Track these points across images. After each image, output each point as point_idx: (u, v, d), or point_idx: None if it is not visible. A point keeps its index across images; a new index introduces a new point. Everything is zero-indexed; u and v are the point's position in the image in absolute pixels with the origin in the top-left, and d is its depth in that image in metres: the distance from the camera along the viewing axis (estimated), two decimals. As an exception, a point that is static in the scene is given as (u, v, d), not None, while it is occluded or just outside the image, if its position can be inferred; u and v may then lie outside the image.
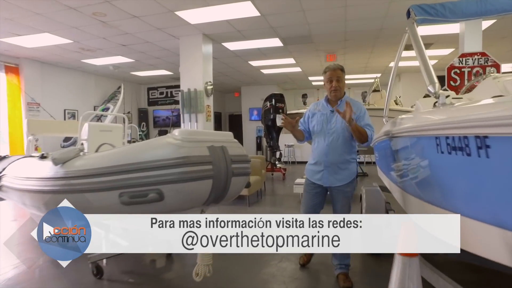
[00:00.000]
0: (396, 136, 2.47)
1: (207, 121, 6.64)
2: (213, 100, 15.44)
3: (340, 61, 9.17)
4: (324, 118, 2.62)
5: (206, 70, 6.66)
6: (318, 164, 2.65)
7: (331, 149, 2.57)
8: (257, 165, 6.41)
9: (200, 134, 2.40)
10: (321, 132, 2.62)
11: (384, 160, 3.78)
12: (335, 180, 2.59)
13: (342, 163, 2.61)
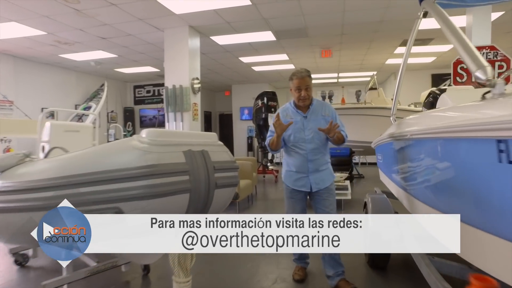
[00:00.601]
0: (418, 138, 2.05)
1: (194, 120, 6.15)
2: (203, 99, 14.90)
3: (335, 58, 8.76)
4: (299, 126, 2.52)
5: (193, 66, 6.17)
6: (300, 172, 2.56)
7: (313, 155, 2.52)
8: (248, 168, 5.95)
9: (174, 135, 1.93)
10: (300, 141, 2.52)
11: (391, 164, 3.35)
12: (321, 181, 2.56)
13: (323, 165, 2.59)
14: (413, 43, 2.99)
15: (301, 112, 2.55)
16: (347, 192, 5.27)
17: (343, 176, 5.73)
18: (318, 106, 2.60)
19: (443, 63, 9.51)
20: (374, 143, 4.25)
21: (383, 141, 3.65)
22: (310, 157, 2.51)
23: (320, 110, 2.58)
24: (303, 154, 2.52)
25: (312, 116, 2.54)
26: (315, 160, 2.53)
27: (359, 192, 6.41)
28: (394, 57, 8.70)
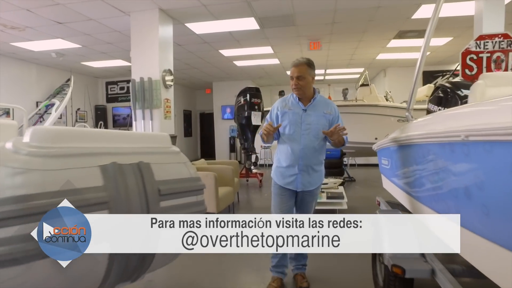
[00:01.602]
0: (457, 140, 1.41)
1: (166, 119, 5.35)
2: (182, 97, 14.03)
3: (324, 52, 8.10)
4: (297, 118, 2.42)
5: (165, 56, 5.37)
6: (291, 167, 2.45)
7: (306, 152, 2.40)
8: (228, 174, 5.20)
9: (87, 137, 1.14)
10: (295, 134, 2.42)
11: (405, 171, 2.67)
12: (308, 184, 2.47)
13: (316, 165, 2.49)
14: (408, 36, 2.34)
15: (302, 105, 2.42)
16: (342, 201, 4.58)
17: (337, 182, 5.05)
18: (322, 102, 2.48)
19: (436, 59, 9.03)
20: (378, 146, 3.58)
21: (391, 144, 2.98)
22: (302, 153, 2.40)
23: (322, 107, 2.44)
24: (295, 148, 2.41)
25: (312, 111, 2.41)
26: (307, 157, 2.41)
27: (353, 198, 5.76)
28: (386, 51, 8.13)
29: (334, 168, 7.22)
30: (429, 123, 2.13)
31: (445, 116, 1.97)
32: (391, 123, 7.13)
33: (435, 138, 1.79)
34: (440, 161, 1.76)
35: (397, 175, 3.00)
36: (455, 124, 1.54)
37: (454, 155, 1.54)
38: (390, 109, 7.14)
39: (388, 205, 3.42)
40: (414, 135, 2.24)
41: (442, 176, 1.74)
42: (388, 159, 3.23)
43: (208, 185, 4.52)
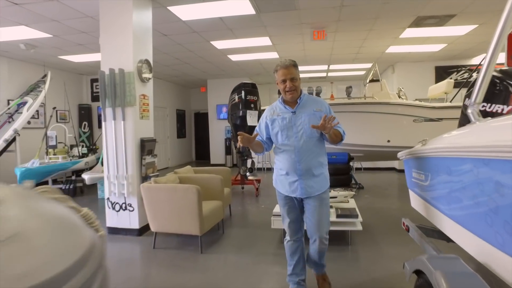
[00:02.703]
0: None
1: (143, 118, 4.47)
2: (175, 96, 13.11)
3: (329, 43, 7.22)
4: (286, 123, 2.34)
5: (142, 45, 4.49)
6: (290, 174, 2.36)
7: (303, 155, 2.30)
8: (216, 185, 4.35)
9: None
10: (288, 139, 2.33)
11: (457, 194, 1.82)
12: (312, 189, 2.34)
13: (316, 168, 2.35)
14: (427, 23, 1.49)
15: (290, 108, 2.38)
16: (356, 221, 3.69)
17: (347, 195, 4.17)
18: (309, 101, 2.41)
19: (452, 52, 8.15)
20: (408, 154, 2.71)
21: (436, 154, 2.11)
22: (299, 157, 2.31)
23: (311, 105, 2.37)
24: (291, 154, 2.33)
25: (301, 112, 2.34)
26: (306, 161, 2.31)
27: (364, 212, 4.89)
28: (398, 43, 7.25)
29: (341, 174, 6.34)
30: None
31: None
32: (407, 124, 6.27)
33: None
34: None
35: (442, 197, 2.13)
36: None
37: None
38: (405, 107, 6.28)
39: (421, 231, 2.57)
40: (495, 146, 1.37)
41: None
42: (425, 174, 2.36)
43: (189, 202, 3.65)
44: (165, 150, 12.05)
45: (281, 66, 2.31)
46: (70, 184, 7.10)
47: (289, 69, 2.29)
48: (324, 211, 2.38)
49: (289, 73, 2.29)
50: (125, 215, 4.37)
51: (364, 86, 7.27)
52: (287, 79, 2.29)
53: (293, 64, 2.32)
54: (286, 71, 2.29)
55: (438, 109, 6.17)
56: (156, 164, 4.70)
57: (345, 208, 3.93)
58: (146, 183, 3.88)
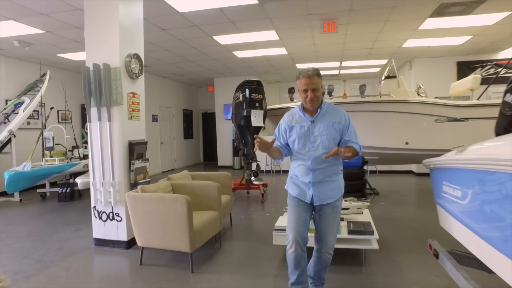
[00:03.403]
0: None
1: (132, 119, 4.03)
2: (183, 96, 12.77)
3: (341, 37, 6.68)
4: (304, 131, 2.29)
5: (131, 37, 4.07)
6: (301, 180, 2.32)
7: (318, 164, 2.25)
8: (212, 193, 3.89)
9: None
10: (304, 147, 2.29)
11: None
12: (326, 197, 2.28)
13: (332, 176, 2.30)
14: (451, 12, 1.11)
15: (309, 116, 2.31)
16: (371, 238, 3.16)
17: (362, 207, 3.64)
18: (329, 110, 2.31)
19: (477, 45, 7.48)
20: (437, 162, 2.18)
21: (480, 166, 1.59)
22: (313, 166, 2.25)
23: (331, 116, 2.28)
24: (306, 162, 2.28)
25: (320, 121, 2.27)
26: (320, 170, 2.26)
27: (381, 223, 4.35)
28: (416, 36, 6.65)
29: (355, 180, 5.80)
30: None
31: None
32: (427, 124, 5.67)
33: None
34: None
35: (487, 222, 1.60)
36: None
37: None
38: (425, 105, 5.68)
39: (454, 258, 2.05)
40: None
41: None
42: (463, 190, 1.83)
43: (177, 215, 3.19)
44: (171, 151, 11.68)
45: (303, 75, 2.24)
46: (67, 187, 6.76)
47: (312, 78, 2.22)
48: (334, 219, 2.31)
49: (312, 83, 2.22)
50: (113, 225, 3.95)
51: (379, 83, 6.70)
52: (308, 89, 2.22)
53: (316, 73, 2.24)
54: (308, 80, 2.22)
55: (464, 108, 5.56)
56: (148, 170, 4.27)
57: (358, 222, 3.40)
58: (132, 192, 3.44)
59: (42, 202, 6.77)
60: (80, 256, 3.73)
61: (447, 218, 2.21)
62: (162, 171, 10.89)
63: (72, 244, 4.10)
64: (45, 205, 6.46)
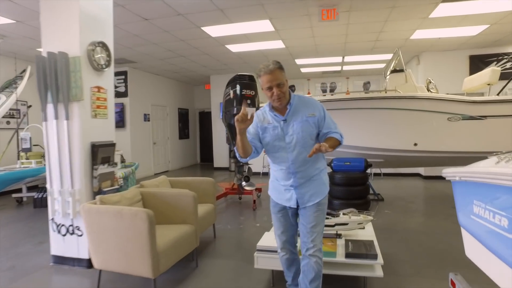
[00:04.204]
0: None
1: (97, 117, 3.47)
2: (178, 94, 12.21)
3: (342, 27, 6.08)
4: (278, 132, 2.10)
5: (96, 22, 3.51)
6: (281, 184, 2.20)
7: (298, 166, 2.10)
8: (186, 204, 3.33)
9: None
10: (281, 149, 2.11)
11: None
12: (310, 196, 2.13)
13: (314, 176, 2.14)
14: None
15: (280, 116, 2.10)
16: (374, 264, 2.57)
17: (363, 222, 3.05)
18: (300, 104, 2.11)
19: (493, 36, 6.82)
20: (465, 174, 1.58)
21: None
22: (293, 168, 2.10)
23: (303, 110, 2.09)
24: (285, 165, 2.12)
25: (292, 119, 2.08)
26: (301, 172, 2.11)
27: (385, 237, 3.76)
28: (426, 26, 6.03)
29: (357, 185, 5.20)
30: None
31: None
32: (439, 123, 5.05)
33: None
34: None
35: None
36: None
37: None
38: (437, 102, 5.06)
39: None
40: None
41: None
42: (510, 217, 1.23)
43: (137, 233, 2.61)
44: (165, 152, 11.14)
45: (264, 71, 2.00)
46: (44, 192, 6.23)
47: (274, 73, 1.98)
48: (320, 218, 2.15)
49: (275, 78, 1.99)
50: (73, 240, 3.39)
51: (384, 78, 6.09)
52: (273, 86, 2.00)
53: (278, 67, 2.01)
54: (271, 76, 1.99)
55: (481, 104, 4.92)
56: (117, 175, 3.70)
57: (359, 242, 2.81)
58: (88, 203, 2.88)
59: (17, 208, 6.25)
60: (32, 278, 3.17)
61: (478, 250, 1.61)
62: (154, 173, 10.35)
63: (27, 262, 3.55)
64: (19, 212, 5.93)
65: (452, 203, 1.84)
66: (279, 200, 2.25)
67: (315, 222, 2.13)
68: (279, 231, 2.29)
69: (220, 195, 6.11)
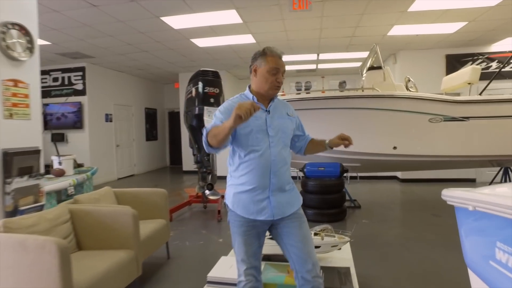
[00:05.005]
0: None
1: (12, 118, 2.80)
2: (144, 93, 11.44)
3: (316, 21, 5.62)
4: (261, 123, 1.79)
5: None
6: (258, 190, 1.77)
7: (278, 165, 1.78)
8: (124, 224, 2.75)
9: None
10: (263, 143, 1.77)
11: None
12: (288, 206, 1.81)
13: (289, 183, 1.87)
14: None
15: (263, 106, 1.82)
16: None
17: (338, 244, 2.54)
18: (280, 103, 1.94)
19: (469, 35, 6.59)
20: (484, 203, 1.08)
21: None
22: (274, 166, 1.77)
23: (282, 108, 1.92)
24: (265, 162, 1.76)
25: (275, 113, 1.86)
26: (280, 173, 1.79)
27: (363, 250, 3.29)
28: (404, 21, 5.67)
29: (332, 193, 4.73)
30: None
31: None
32: (420, 124, 4.66)
33: None
34: None
35: None
36: None
37: None
38: (417, 101, 4.67)
39: None
40: None
41: None
42: None
43: (45, 271, 1.99)
44: (130, 155, 10.36)
45: (275, 52, 1.79)
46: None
47: (282, 60, 1.81)
48: (307, 229, 1.83)
49: (283, 65, 1.81)
50: (-19, 273, 2.70)
51: (361, 76, 5.66)
52: (280, 71, 1.79)
53: (283, 54, 1.85)
54: (281, 61, 1.80)
55: (464, 104, 4.57)
56: (43, 188, 3.04)
57: (332, 270, 2.30)
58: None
59: None
60: None
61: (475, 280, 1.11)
62: (118, 177, 9.57)
63: None
64: None
65: (433, 210, 1.36)
66: (246, 213, 1.80)
67: (305, 233, 1.80)
68: (242, 254, 1.80)
69: (183, 204, 5.50)
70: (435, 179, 7.56)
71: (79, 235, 2.66)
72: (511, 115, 4.57)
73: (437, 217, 4.89)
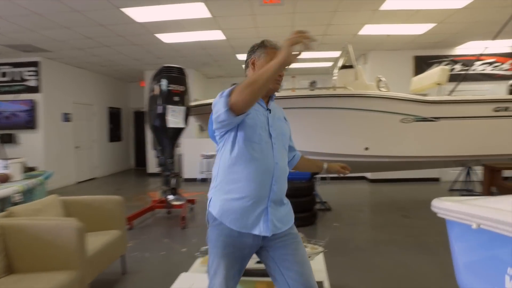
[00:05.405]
0: None
1: None
2: (108, 91, 10.80)
3: (288, 17, 5.44)
4: (263, 120, 1.56)
5: None
6: (254, 199, 1.47)
7: (280, 172, 1.54)
8: (66, 240, 2.37)
9: None
10: (264, 143, 1.52)
11: None
12: (284, 219, 1.57)
13: (285, 192, 1.62)
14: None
15: (263, 103, 1.62)
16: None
17: (312, 254, 2.34)
18: (275, 106, 1.71)
19: (435, 37, 6.68)
20: (496, 224, 0.87)
21: None
22: (277, 171, 1.51)
23: (278, 110, 1.72)
24: (267, 166, 1.49)
25: (274, 113, 1.65)
26: (281, 180, 1.54)
27: (335, 257, 3.09)
28: (375, 21, 5.61)
29: (301, 196, 4.55)
30: None
31: None
32: (392, 124, 4.57)
33: None
34: None
35: None
36: None
37: None
38: (390, 101, 4.58)
39: None
40: None
41: None
42: None
43: None
44: (90, 157, 9.71)
45: (274, 45, 1.62)
46: None
47: None
48: (304, 249, 1.59)
49: None
50: None
51: (332, 76, 5.54)
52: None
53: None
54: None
55: (434, 104, 4.54)
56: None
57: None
58: None
59: None
60: None
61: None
62: (77, 181, 8.92)
63: None
64: None
65: (402, 211, 1.16)
66: (238, 226, 1.48)
67: (303, 255, 1.56)
68: (223, 275, 1.46)
69: (145, 210, 5.11)
70: (401, 179, 7.66)
71: (11, 256, 2.26)
72: (477, 115, 4.61)
73: (406, 218, 4.86)
